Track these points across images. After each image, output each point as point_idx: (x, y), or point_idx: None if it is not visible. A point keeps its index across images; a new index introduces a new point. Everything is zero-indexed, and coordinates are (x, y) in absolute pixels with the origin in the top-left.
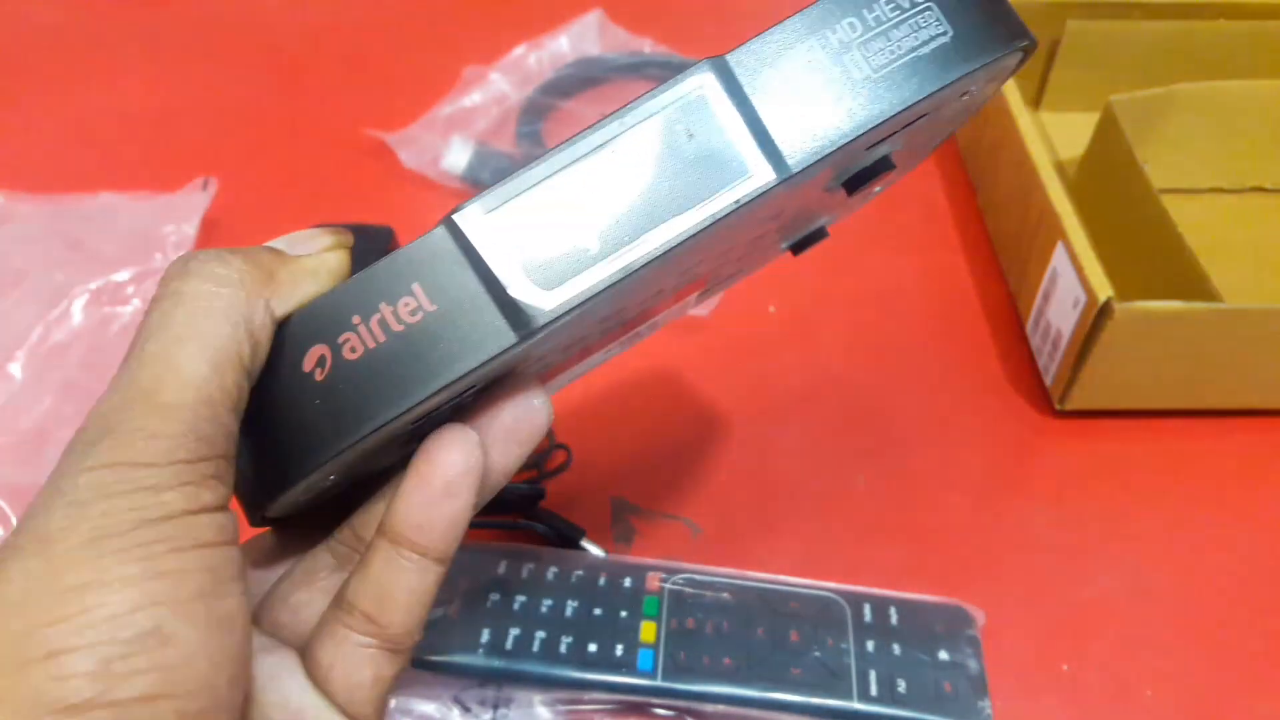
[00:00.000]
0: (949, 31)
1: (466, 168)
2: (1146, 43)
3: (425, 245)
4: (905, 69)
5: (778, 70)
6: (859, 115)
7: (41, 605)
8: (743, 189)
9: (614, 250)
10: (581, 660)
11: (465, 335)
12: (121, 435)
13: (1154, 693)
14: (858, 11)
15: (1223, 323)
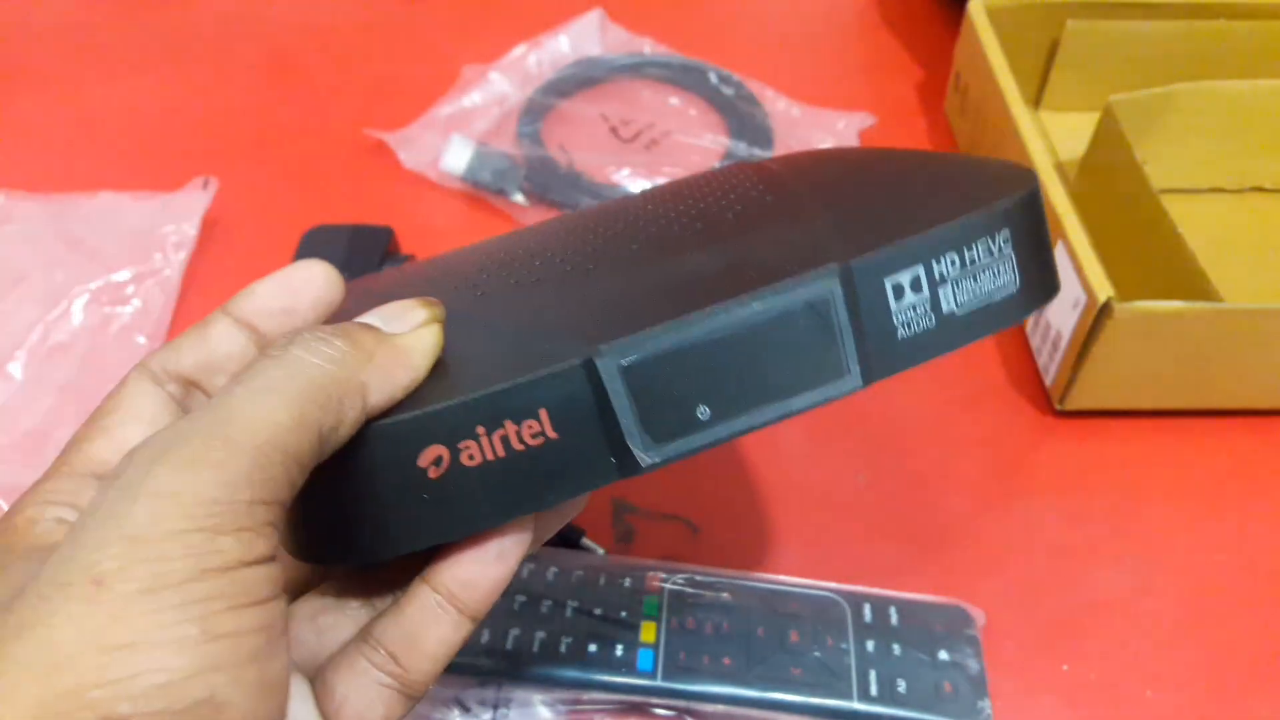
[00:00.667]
0: (1018, 285)
1: (466, 168)
2: (1146, 43)
3: (562, 378)
4: (980, 313)
5: (884, 289)
6: (932, 347)
7: (93, 663)
8: (837, 389)
9: (721, 420)
10: (581, 660)
11: (576, 466)
12: (187, 461)
13: (1154, 693)
14: (959, 248)
15: (1223, 323)
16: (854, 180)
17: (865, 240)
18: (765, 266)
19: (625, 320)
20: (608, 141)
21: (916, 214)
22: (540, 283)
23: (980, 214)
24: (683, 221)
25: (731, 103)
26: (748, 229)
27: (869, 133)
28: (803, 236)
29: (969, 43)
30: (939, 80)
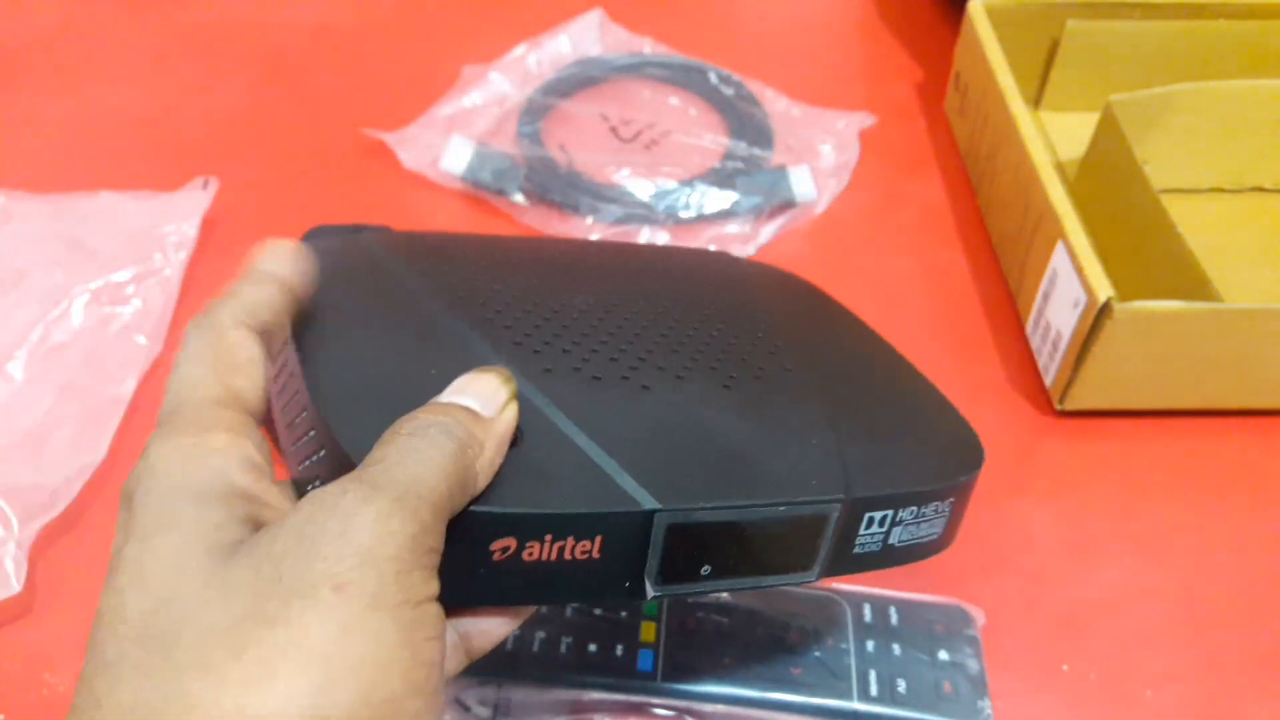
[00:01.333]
0: (938, 535)
1: (466, 168)
2: (1146, 43)
3: (625, 519)
4: (906, 548)
5: (862, 519)
6: (868, 565)
7: (342, 669)
8: (798, 579)
9: (716, 579)
10: (581, 660)
11: (601, 584)
12: (395, 502)
13: (1154, 693)
14: (922, 505)
15: (1223, 323)
16: (847, 382)
17: (869, 479)
18: (790, 471)
19: (684, 480)
20: (608, 141)
21: (901, 464)
22: (599, 383)
23: (943, 488)
24: (715, 359)
25: (731, 103)
26: (770, 405)
27: (869, 132)
28: (817, 447)
29: (969, 43)
30: (939, 80)
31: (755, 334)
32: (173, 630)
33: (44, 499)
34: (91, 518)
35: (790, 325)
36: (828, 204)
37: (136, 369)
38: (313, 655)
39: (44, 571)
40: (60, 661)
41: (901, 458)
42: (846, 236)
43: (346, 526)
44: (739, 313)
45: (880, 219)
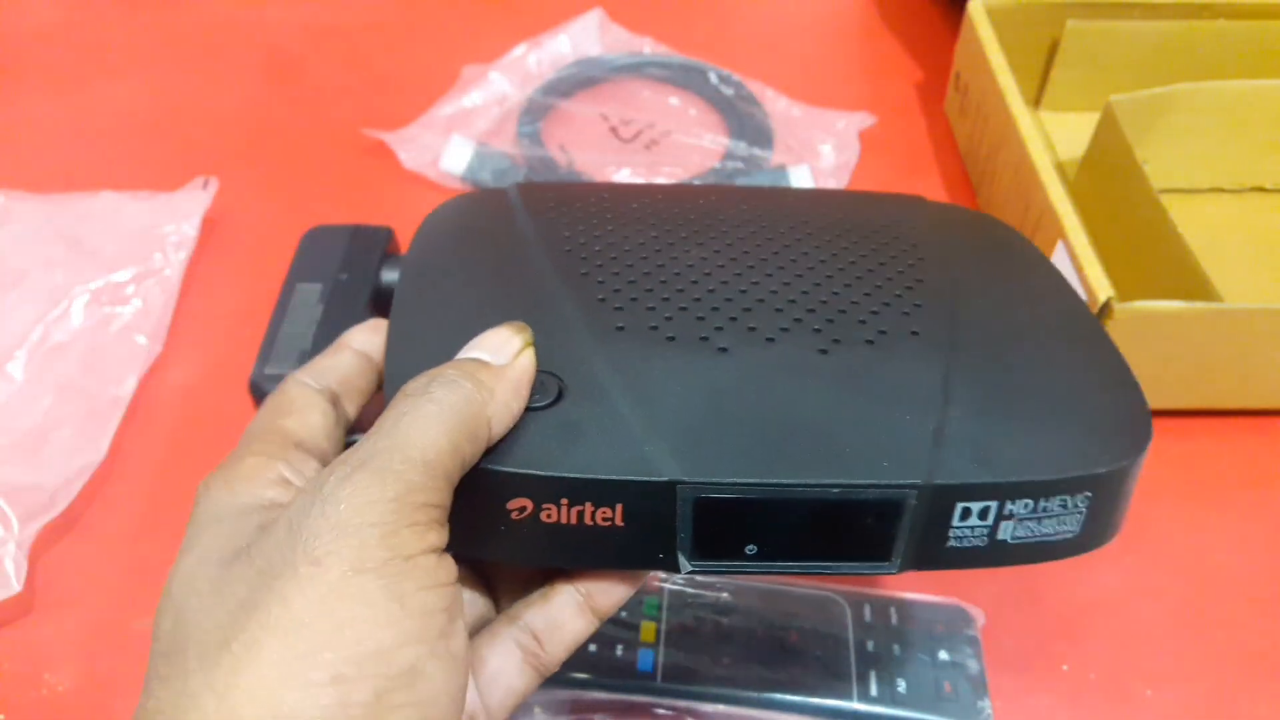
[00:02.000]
0: (1078, 532)
1: (466, 168)
2: (1146, 43)
3: (644, 488)
4: (1030, 547)
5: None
6: (973, 561)
7: (322, 632)
8: (875, 569)
9: (766, 560)
10: (581, 661)
11: (629, 552)
12: (375, 471)
13: (1154, 692)
14: (1037, 498)
15: (1223, 323)
16: (984, 313)
17: (961, 463)
18: (859, 449)
19: (719, 451)
20: (608, 141)
21: (1018, 447)
22: (673, 343)
23: (1072, 479)
24: (824, 320)
25: (731, 103)
26: (869, 374)
27: (869, 132)
28: (908, 423)
29: (969, 42)
30: (939, 80)
31: (895, 291)
32: (182, 638)
33: (44, 499)
34: (91, 518)
35: (950, 280)
36: None
37: (136, 369)
38: (293, 625)
39: (44, 572)
40: (60, 661)
41: (1021, 441)
42: None
43: (324, 506)
44: (888, 266)
45: None
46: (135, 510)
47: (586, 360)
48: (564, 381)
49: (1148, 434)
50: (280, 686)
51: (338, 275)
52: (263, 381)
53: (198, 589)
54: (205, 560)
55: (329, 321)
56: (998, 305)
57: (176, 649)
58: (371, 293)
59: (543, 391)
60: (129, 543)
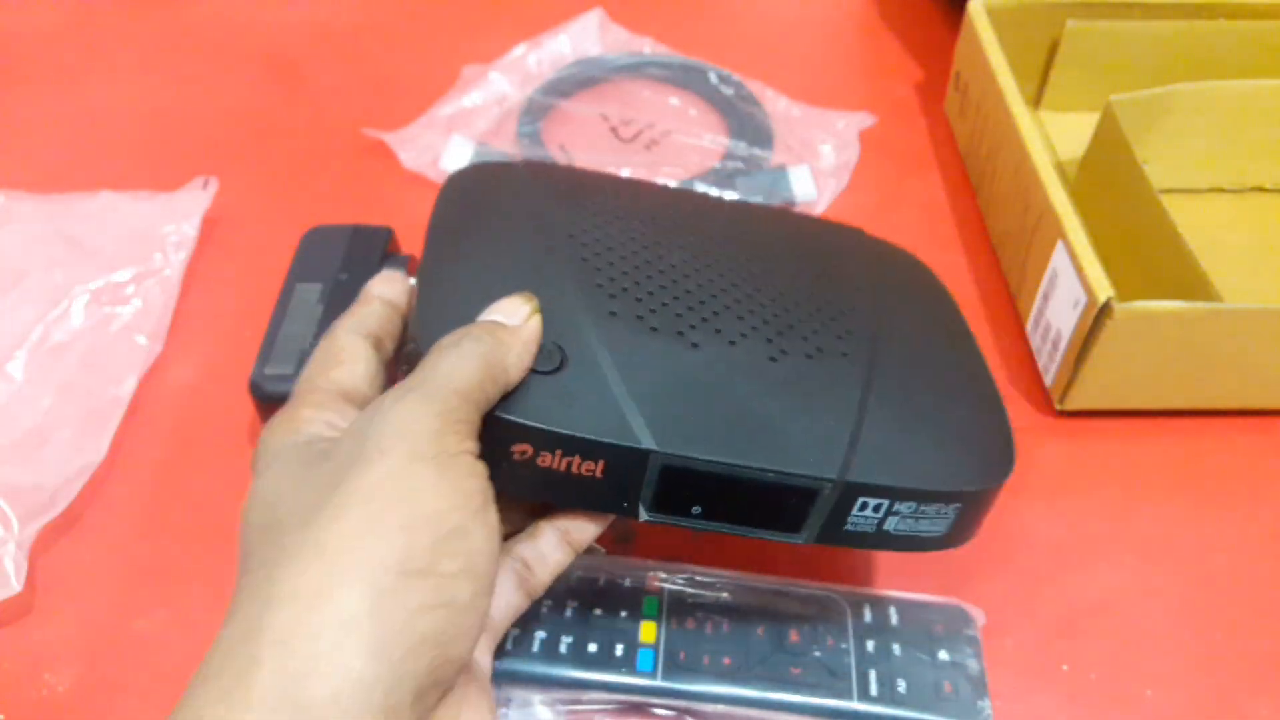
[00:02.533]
0: (943, 533)
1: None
2: (1147, 43)
3: (625, 451)
4: (906, 538)
5: (854, 500)
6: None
7: (391, 498)
8: (788, 538)
9: (705, 519)
10: (581, 660)
11: (602, 498)
12: (422, 394)
13: (1154, 693)
14: (919, 503)
15: (1223, 323)
16: (904, 348)
17: (867, 466)
18: (792, 444)
19: (686, 431)
20: (608, 141)
21: (912, 448)
22: (655, 334)
23: (946, 492)
24: (776, 332)
25: (731, 103)
26: (807, 383)
27: (869, 132)
28: (831, 428)
29: (969, 42)
30: (939, 80)
31: (832, 315)
32: (275, 518)
33: (44, 499)
34: (91, 518)
35: (876, 312)
36: (828, 204)
37: (136, 369)
38: (369, 493)
39: (44, 571)
40: (60, 661)
41: (914, 456)
42: None
43: (386, 415)
44: (829, 292)
45: (880, 219)
46: (135, 510)
47: (584, 336)
48: (565, 352)
49: (1010, 466)
50: (363, 534)
51: (338, 275)
52: (263, 381)
53: (282, 488)
54: (283, 473)
55: (329, 321)
56: (911, 339)
57: (272, 524)
58: None
59: (548, 358)
60: (129, 542)
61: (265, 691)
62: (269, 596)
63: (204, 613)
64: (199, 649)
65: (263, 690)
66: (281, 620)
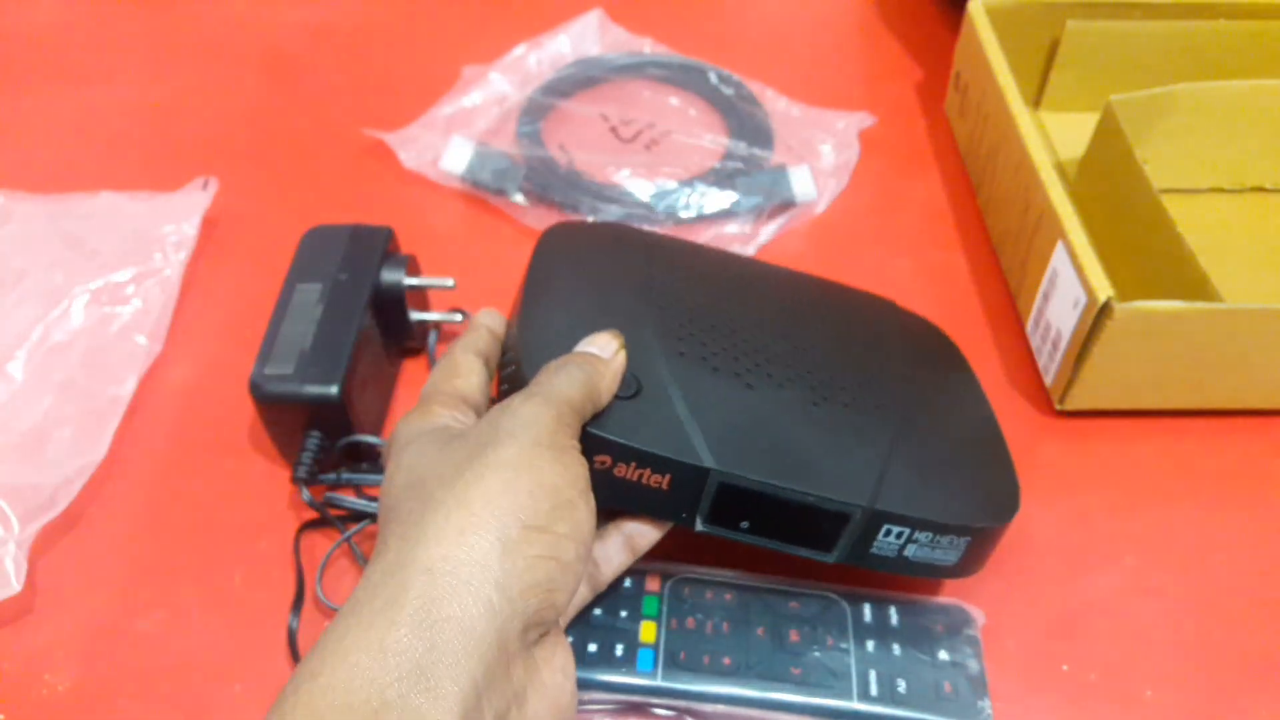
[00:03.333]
0: (955, 562)
1: (466, 168)
2: (1146, 43)
3: (689, 468)
4: (923, 564)
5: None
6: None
7: (521, 470)
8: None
9: (752, 534)
10: (581, 660)
11: (664, 507)
12: (540, 399)
13: (1154, 693)
14: (934, 533)
15: (1223, 323)
16: (927, 411)
17: (895, 492)
18: (830, 474)
19: (741, 455)
20: (608, 141)
21: (931, 488)
22: (716, 373)
23: (959, 525)
24: (818, 381)
25: (731, 103)
26: (843, 427)
27: (869, 132)
28: (864, 465)
29: (969, 43)
30: (939, 80)
31: (869, 372)
32: (420, 479)
33: (44, 499)
34: (91, 517)
35: (903, 374)
36: (828, 204)
37: (136, 369)
38: (501, 467)
39: (44, 571)
40: (60, 661)
41: (933, 493)
42: (847, 236)
43: (514, 412)
44: (864, 354)
45: (880, 219)
46: (135, 510)
47: (657, 370)
48: (640, 382)
49: (1015, 510)
50: (499, 494)
51: (338, 275)
52: (262, 381)
53: (427, 458)
54: (426, 448)
55: (329, 321)
56: (933, 400)
57: (418, 484)
58: (371, 292)
59: (627, 386)
60: (129, 542)
61: (413, 610)
62: (419, 537)
63: (203, 612)
64: (198, 648)
65: (411, 609)
66: (430, 554)
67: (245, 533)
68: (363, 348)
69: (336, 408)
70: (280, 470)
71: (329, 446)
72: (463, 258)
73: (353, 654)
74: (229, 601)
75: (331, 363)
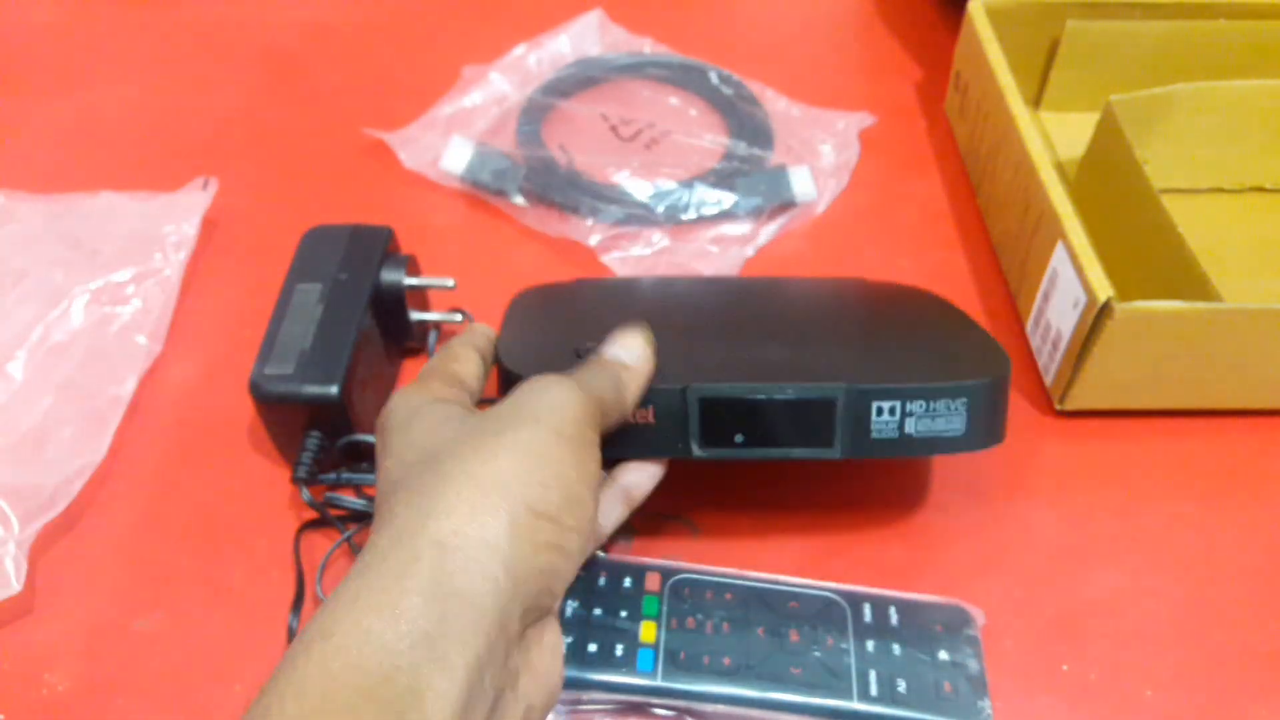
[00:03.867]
0: (963, 431)
1: (466, 168)
2: (1146, 43)
3: (665, 393)
4: (929, 440)
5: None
6: (891, 449)
7: (539, 460)
8: (822, 453)
9: (749, 447)
10: (582, 660)
11: (659, 441)
12: (576, 382)
13: (1154, 693)
14: (927, 400)
15: (1222, 323)
16: (896, 323)
17: (874, 373)
18: (809, 369)
19: (717, 373)
20: (608, 141)
21: (914, 366)
22: (691, 330)
23: (948, 385)
24: (787, 316)
25: (731, 102)
26: (816, 337)
27: (869, 132)
28: (841, 357)
29: (969, 43)
30: (939, 80)
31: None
32: (434, 454)
33: (44, 499)
34: (91, 517)
35: (874, 315)
36: (828, 204)
37: (136, 368)
38: (519, 449)
39: (44, 571)
40: (60, 661)
41: (915, 364)
42: (847, 236)
43: (545, 392)
44: (844, 323)
45: (880, 219)
46: (135, 510)
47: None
48: None
49: (1007, 364)
50: (514, 478)
51: (337, 275)
52: (262, 381)
53: (437, 432)
54: (433, 421)
55: (329, 321)
56: (903, 321)
57: (427, 457)
58: (371, 292)
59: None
60: (129, 542)
61: (424, 581)
62: (430, 509)
63: (203, 612)
64: (198, 648)
65: (421, 580)
66: (441, 527)
67: (245, 533)
68: (363, 348)
69: (336, 407)
70: (280, 470)
71: (329, 446)
72: (463, 258)
73: (366, 617)
74: (229, 601)
75: (331, 363)
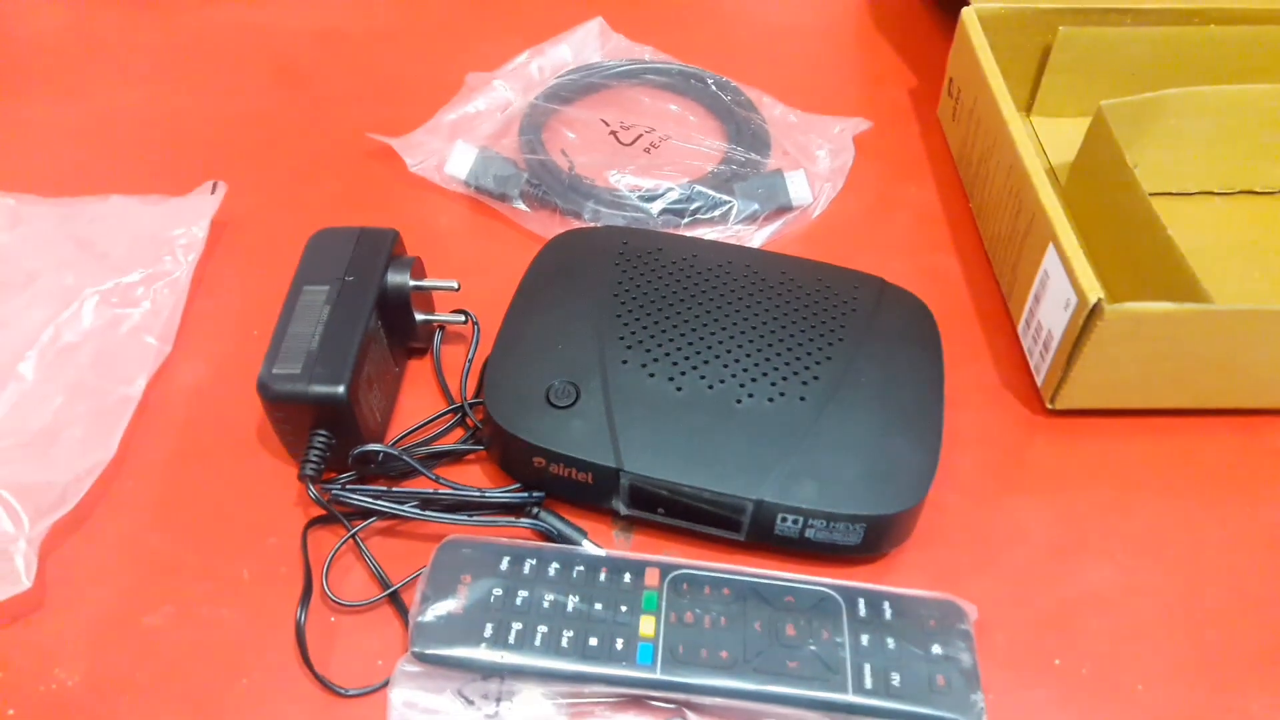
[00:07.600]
0: (857, 543)
1: (470, 172)
2: (1137, 48)
3: (604, 469)
4: (825, 545)
5: (775, 516)
6: (788, 545)
7: None
8: (729, 535)
9: (670, 517)
10: (582, 654)
11: (593, 497)
12: None
13: (1145, 687)
14: (828, 520)
15: (1212, 323)
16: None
17: (786, 491)
18: (730, 471)
19: (652, 457)
20: (608, 146)
21: (826, 488)
22: (652, 379)
23: (849, 515)
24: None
25: (729, 108)
26: (758, 425)
27: (864, 137)
28: (765, 460)
29: (962, 49)
30: (933, 86)
31: (808, 363)
32: None
33: (54, 497)
34: (101, 515)
35: (850, 360)
36: (823, 208)
37: (146, 369)
38: None
39: (54, 568)
40: (69, 657)
41: (829, 483)
42: (841, 239)
43: None
44: (818, 341)
45: (875, 222)
46: (144, 508)
47: (595, 379)
48: (579, 391)
49: (916, 500)
50: None
51: (344, 277)
52: (270, 381)
53: None
54: None
55: (335, 322)
56: (874, 383)
57: None
58: (377, 294)
59: (566, 396)
60: (138, 539)
61: None
62: None
63: (211, 608)
64: (206, 643)
65: None
66: None
67: (253, 529)
68: (369, 348)
69: (343, 407)
70: (288, 468)
71: (335, 445)
72: (467, 260)
73: None
74: (237, 597)
75: (338, 363)
